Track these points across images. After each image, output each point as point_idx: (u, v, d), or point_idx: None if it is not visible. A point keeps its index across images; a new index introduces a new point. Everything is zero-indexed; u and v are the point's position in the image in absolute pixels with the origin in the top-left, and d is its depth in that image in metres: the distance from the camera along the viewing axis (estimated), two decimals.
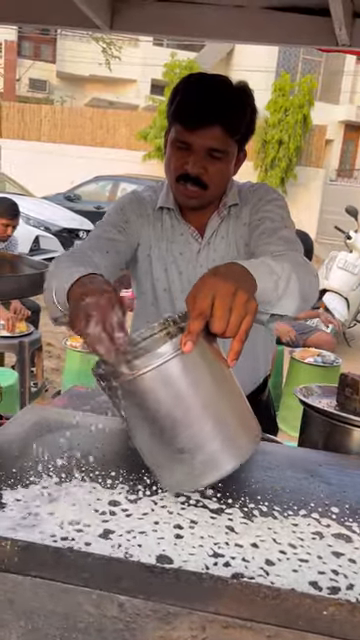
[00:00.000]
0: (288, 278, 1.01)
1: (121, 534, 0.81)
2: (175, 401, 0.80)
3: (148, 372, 0.79)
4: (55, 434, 1.13)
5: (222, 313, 0.81)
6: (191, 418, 0.81)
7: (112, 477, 0.98)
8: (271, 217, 1.30)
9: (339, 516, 0.93)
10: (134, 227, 1.36)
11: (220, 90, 1.22)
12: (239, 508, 0.92)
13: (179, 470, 0.85)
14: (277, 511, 0.93)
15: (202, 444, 0.82)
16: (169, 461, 0.85)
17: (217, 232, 1.37)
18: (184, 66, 16.00)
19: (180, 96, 1.23)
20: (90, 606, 0.69)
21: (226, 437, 0.84)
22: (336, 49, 1.80)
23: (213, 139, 1.21)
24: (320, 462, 1.14)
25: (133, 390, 0.81)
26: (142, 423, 0.84)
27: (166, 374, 0.79)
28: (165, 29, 1.57)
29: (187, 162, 1.23)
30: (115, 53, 15.87)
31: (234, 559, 0.78)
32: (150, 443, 0.85)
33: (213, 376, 0.84)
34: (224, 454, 0.84)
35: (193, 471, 0.84)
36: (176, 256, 1.37)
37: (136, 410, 0.83)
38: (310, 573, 0.77)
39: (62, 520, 0.83)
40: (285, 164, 15.00)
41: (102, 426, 1.21)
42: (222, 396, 0.85)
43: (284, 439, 2.34)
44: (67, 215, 9.59)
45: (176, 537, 0.82)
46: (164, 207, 1.37)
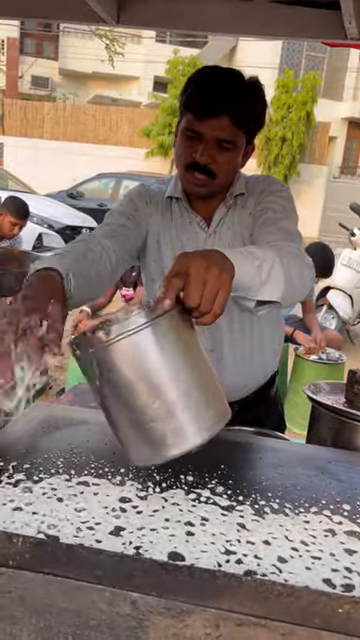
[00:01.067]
0: (271, 264, 1.02)
1: (132, 531, 0.81)
2: (147, 370, 0.82)
3: (121, 339, 0.80)
4: (62, 431, 1.13)
5: (195, 286, 0.83)
6: (162, 388, 0.82)
7: (121, 474, 0.97)
8: (273, 208, 1.32)
9: (351, 513, 0.93)
10: (143, 215, 1.40)
11: (231, 82, 1.25)
12: (250, 505, 0.92)
13: (150, 440, 0.84)
14: (288, 508, 0.92)
15: (173, 413, 0.83)
16: (140, 431, 0.84)
17: (223, 221, 1.40)
18: (187, 63, 15.98)
19: (193, 86, 1.27)
20: (103, 603, 0.68)
21: (196, 410, 0.85)
22: (344, 43, 1.79)
23: (222, 129, 1.24)
24: (330, 459, 1.13)
25: (107, 358, 0.82)
26: (115, 392, 0.83)
27: (139, 342, 0.81)
28: (171, 23, 1.56)
29: (196, 151, 1.26)
30: (118, 50, 15.83)
31: (246, 556, 0.78)
32: (122, 412, 0.85)
33: (185, 351, 0.85)
34: (193, 426, 0.84)
35: (164, 440, 0.83)
36: (184, 243, 1.40)
37: (110, 378, 0.83)
38: (323, 570, 0.77)
39: (71, 517, 0.83)
40: (288, 161, 14.97)
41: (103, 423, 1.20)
42: (193, 371, 0.86)
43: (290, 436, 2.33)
44: (70, 212, 9.57)
45: (187, 534, 0.82)
46: (172, 196, 1.40)
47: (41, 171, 14.22)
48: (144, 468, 0.91)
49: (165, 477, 0.97)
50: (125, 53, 17.59)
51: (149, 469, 0.99)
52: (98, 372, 0.83)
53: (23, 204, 3.95)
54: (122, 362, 0.81)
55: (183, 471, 1.00)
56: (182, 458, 1.05)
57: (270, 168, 14.88)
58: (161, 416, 0.82)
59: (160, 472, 0.99)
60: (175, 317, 0.84)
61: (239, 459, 1.10)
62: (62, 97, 21.28)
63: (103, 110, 17.71)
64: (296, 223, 1.34)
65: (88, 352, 0.83)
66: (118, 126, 17.29)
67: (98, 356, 0.82)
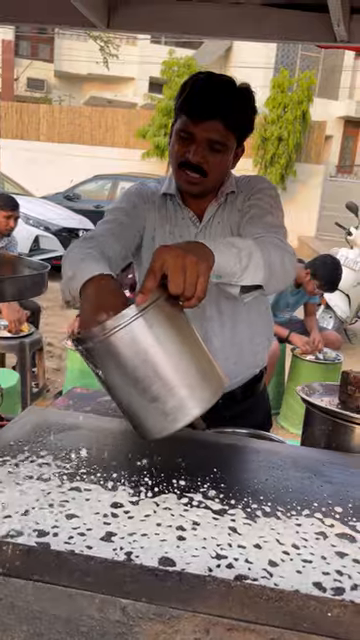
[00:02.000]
0: (250, 251, 1.09)
1: (123, 537, 0.81)
2: (143, 355, 0.90)
3: (116, 331, 0.89)
4: (55, 436, 1.13)
5: (176, 274, 0.90)
6: (159, 370, 0.90)
7: (113, 479, 0.97)
8: (260, 205, 1.40)
9: (343, 515, 0.93)
10: (140, 211, 1.46)
11: (224, 88, 1.32)
12: (242, 509, 0.92)
13: (154, 417, 0.93)
14: (280, 511, 0.92)
15: (171, 392, 0.91)
16: (144, 410, 0.93)
17: (214, 217, 1.47)
18: (182, 64, 15.96)
19: (188, 90, 1.33)
20: (93, 610, 0.68)
21: (192, 385, 0.93)
22: (335, 45, 1.79)
23: (214, 131, 1.31)
24: (323, 461, 1.13)
25: (106, 349, 0.90)
26: (118, 379, 0.92)
27: (132, 332, 0.89)
28: (162, 27, 1.56)
29: (189, 151, 1.33)
30: (113, 51, 15.82)
31: (237, 560, 0.78)
32: (126, 396, 0.94)
33: (176, 333, 0.93)
34: (191, 400, 0.92)
35: (166, 417, 0.92)
36: (177, 238, 1.46)
37: (112, 367, 0.92)
38: (314, 574, 0.77)
39: (63, 524, 0.83)
40: (285, 161, 14.96)
41: (103, 427, 1.21)
42: (186, 351, 0.94)
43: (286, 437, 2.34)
44: (66, 214, 9.57)
45: (179, 539, 0.82)
46: (167, 193, 1.48)
47: (37, 173, 14.21)
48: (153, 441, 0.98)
49: (157, 482, 0.98)
50: (120, 54, 17.57)
51: (141, 473, 0.99)
52: (100, 363, 0.93)
53: (8, 196, 3.95)
54: (120, 352, 0.90)
55: (175, 475, 1.00)
56: (174, 462, 1.06)
57: (266, 168, 14.88)
58: (161, 395, 0.91)
59: (152, 476, 0.99)
60: (162, 305, 0.91)
61: (232, 462, 1.10)
62: (58, 99, 21.27)
63: (99, 112, 17.69)
64: (281, 218, 1.42)
65: (89, 347, 0.92)
66: (114, 127, 17.28)
67: (98, 349, 0.91)
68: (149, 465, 1.04)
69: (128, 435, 1.17)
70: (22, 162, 14.68)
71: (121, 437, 1.16)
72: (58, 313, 6.28)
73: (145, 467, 1.03)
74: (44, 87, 22.85)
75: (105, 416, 1.32)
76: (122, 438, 1.16)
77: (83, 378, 3.63)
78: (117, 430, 1.20)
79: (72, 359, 3.80)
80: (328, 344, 4.27)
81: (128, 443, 1.13)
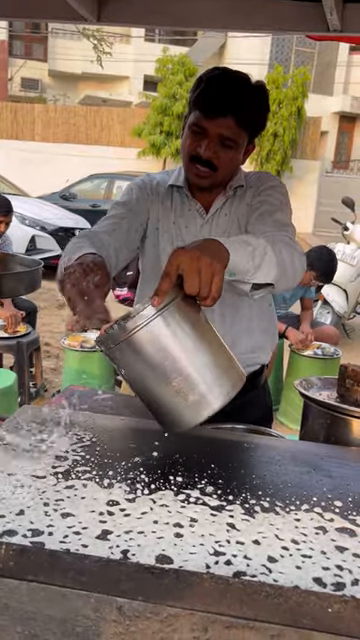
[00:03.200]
0: (264, 250, 1.11)
1: (119, 535, 0.79)
2: (163, 353, 0.94)
3: (136, 332, 0.93)
4: (50, 434, 1.11)
5: (191, 275, 0.92)
6: (180, 366, 0.95)
7: (109, 476, 0.96)
8: (270, 201, 1.41)
9: (342, 510, 0.91)
10: (144, 204, 1.48)
11: (238, 85, 1.32)
12: (240, 504, 0.90)
13: (177, 411, 0.97)
14: (279, 506, 0.91)
15: (192, 386, 0.95)
16: (168, 405, 0.97)
17: (221, 210, 1.48)
18: (176, 61, 15.92)
19: (203, 86, 1.34)
20: (88, 610, 0.67)
21: (211, 380, 0.97)
22: (328, 36, 1.78)
23: (226, 128, 1.32)
24: (322, 455, 1.12)
25: (128, 349, 0.95)
26: (141, 376, 0.97)
27: (151, 331, 0.93)
28: (153, 19, 1.55)
29: (200, 145, 1.34)
30: (106, 49, 15.75)
31: (235, 557, 0.76)
32: (150, 392, 0.98)
33: (194, 331, 0.97)
34: (211, 394, 0.97)
35: (188, 410, 0.96)
36: (182, 229, 1.48)
37: (134, 366, 0.96)
38: (314, 569, 0.75)
39: (58, 523, 0.81)
40: (280, 157, 14.95)
41: (98, 424, 1.19)
42: (204, 346, 0.98)
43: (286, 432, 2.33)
44: (63, 214, 9.54)
45: (176, 536, 0.80)
46: (174, 185, 1.49)
47: (33, 173, 14.17)
48: (176, 433, 1.03)
49: (154, 479, 0.96)
50: (114, 53, 17.51)
51: (137, 470, 0.98)
52: (122, 363, 0.97)
53: (3, 199, 3.85)
54: (140, 351, 0.94)
55: (172, 472, 0.99)
56: (171, 459, 1.04)
57: (262, 164, 14.86)
58: (183, 390, 0.95)
59: (149, 473, 0.98)
60: (179, 304, 0.95)
61: (229, 458, 1.08)
62: (52, 98, 21.22)
63: (94, 111, 17.65)
64: (290, 216, 1.43)
65: (112, 347, 0.96)
66: (109, 126, 17.23)
67: (119, 350, 0.96)
68: (146, 462, 1.02)
69: (124, 432, 1.16)
70: (17, 162, 14.64)
71: (117, 434, 1.15)
72: (55, 313, 6.27)
73: (142, 464, 1.01)
74: (38, 87, 22.80)
75: (101, 414, 1.31)
76: (118, 435, 1.14)
77: (80, 378, 3.62)
78: (113, 427, 1.18)
79: (69, 359, 3.79)
80: (326, 339, 4.26)
81: (124, 440, 1.12)
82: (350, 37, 2.18)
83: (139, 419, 1.30)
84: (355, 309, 6.54)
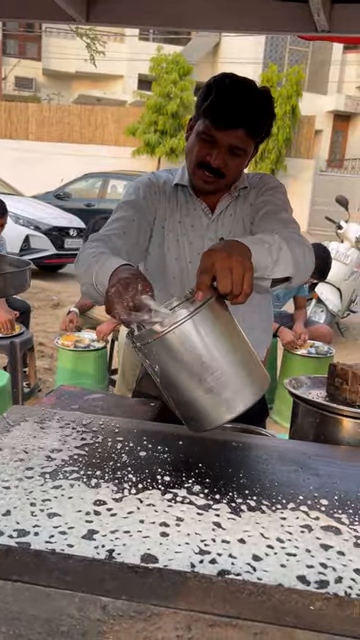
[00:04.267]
0: (279, 246, 1.16)
1: (105, 534, 0.79)
2: (198, 350, 0.96)
3: (173, 329, 0.95)
4: (39, 434, 1.11)
5: (224, 273, 0.96)
6: (214, 364, 0.97)
7: (97, 476, 0.96)
8: (273, 201, 1.46)
9: (328, 508, 0.92)
10: (151, 203, 1.49)
11: (249, 97, 1.34)
12: (227, 503, 0.91)
13: (208, 408, 0.99)
14: (265, 505, 0.91)
15: (225, 384, 0.97)
16: (199, 402, 0.98)
17: (226, 210, 1.51)
18: (170, 60, 15.92)
19: (214, 96, 1.34)
20: (73, 609, 0.67)
21: (243, 377, 1.00)
22: (319, 36, 1.78)
23: (237, 139, 1.36)
24: (310, 454, 1.13)
25: (163, 346, 0.96)
26: (174, 373, 0.98)
27: (188, 329, 0.95)
28: (141, 20, 1.55)
29: (210, 154, 1.37)
30: (99, 48, 15.72)
31: (220, 556, 0.77)
32: (182, 389, 0.99)
33: (227, 330, 1.01)
34: (242, 392, 0.99)
35: (220, 408, 0.98)
36: (188, 228, 1.51)
37: (168, 362, 0.97)
38: (298, 567, 0.76)
39: (44, 523, 0.81)
40: (275, 156, 14.98)
41: (87, 424, 1.19)
42: (235, 345, 1.01)
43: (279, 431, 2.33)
44: (57, 213, 9.52)
45: (162, 535, 0.81)
46: (179, 184, 1.50)
47: (27, 173, 14.14)
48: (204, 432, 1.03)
49: (141, 478, 0.97)
50: (108, 52, 17.49)
51: (124, 470, 0.98)
52: (156, 359, 0.98)
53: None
54: (176, 348, 0.96)
55: (160, 471, 0.99)
56: (159, 458, 1.05)
57: (257, 163, 14.88)
58: (215, 387, 0.97)
59: (136, 473, 0.98)
60: (213, 304, 0.98)
61: (217, 457, 1.09)
62: (46, 98, 21.16)
63: (88, 110, 17.62)
64: (292, 215, 1.47)
65: (146, 344, 0.97)
66: (104, 125, 17.21)
67: (154, 346, 0.97)
68: (133, 461, 1.03)
69: (113, 432, 1.16)
70: (11, 161, 14.61)
71: (105, 434, 1.15)
72: (49, 313, 6.26)
73: (129, 464, 1.02)
74: (32, 86, 22.74)
75: (91, 414, 1.31)
76: (106, 435, 1.15)
77: (74, 377, 3.62)
78: (101, 427, 1.19)
79: (63, 358, 3.78)
80: (320, 337, 4.27)
81: (112, 440, 1.12)
82: (340, 37, 2.19)
83: (128, 419, 1.30)
84: (349, 308, 6.56)
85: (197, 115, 1.41)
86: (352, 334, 6.75)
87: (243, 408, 0.99)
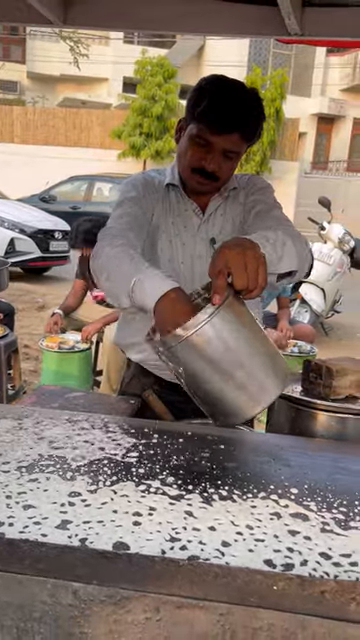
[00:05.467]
0: (283, 241, 1.21)
1: (78, 524, 0.81)
2: (225, 348, 0.98)
3: (198, 329, 0.96)
4: (17, 431, 1.13)
5: (239, 270, 0.98)
6: (241, 360, 1.00)
7: (73, 470, 0.98)
8: (264, 200, 1.51)
9: (298, 496, 0.95)
10: (150, 202, 1.51)
11: (243, 100, 1.36)
12: (199, 494, 0.93)
13: (237, 403, 1.02)
14: (237, 495, 0.94)
15: (252, 378, 1.01)
16: (228, 398, 1.01)
17: (217, 210, 1.54)
18: (155, 63, 15.96)
19: (208, 100, 1.34)
20: (45, 595, 0.69)
21: (268, 370, 1.03)
22: (295, 39, 1.81)
23: (231, 143, 1.38)
24: (282, 445, 1.15)
25: (190, 347, 0.98)
26: (202, 373, 1.00)
27: (213, 328, 0.97)
28: (118, 23, 1.57)
29: (205, 158, 1.39)
30: (83, 51, 15.71)
31: (190, 542, 0.79)
32: (210, 388, 1.02)
33: (248, 325, 1.03)
34: (269, 384, 1.03)
35: (249, 402, 1.02)
36: (180, 229, 1.52)
37: (195, 363, 0.99)
38: (265, 552, 0.78)
39: (18, 514, 0.83)
40: (259, 158, 15.07)
41: (64, 420, 1.21)
42: (259, 340, 1.04)
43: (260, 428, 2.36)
44: (42, 216, 9.51)
45: (134, 524, 0.83)
46: (171, 184, 1.52)
47: (12, 176, 14.09)
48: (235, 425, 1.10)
49: (116, 471, 0.99)
50: (93, 55, 17.50)
51: (100, 463, 1.00)
52: (182, 361, 1.00)
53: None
54: (203, 347, 0.98)
55: (135, 464, 1.01)
56: (135, 452, 1.07)
57: (241, 165, 14.95)
58: (244, 382, 1.00)
59: (112, 466, 1.00)
60: (232, 301, 0.99)
61: (192, 450, 1.11)
62: (31, 100, 21.10)
63: (73, 113, 17.61)
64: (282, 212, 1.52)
65: (172, 347, 0.99)
66: (89, 128, 17.22)
67: (181, 349, 0.98)
68: (110, 455, 1.05)
69: (90, 427, 1.18)
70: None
71: (81, 429, 1.17)
72: (34, 315, 6.25)
73: (105, 457, 1.04)
74: (17, 89, 22.66)
75: (70, 410, 1.33)
76: (82, 430, 1.16)
77: (59, 379, 3.63)
78: (78, 423, 1.20)
79: (48, 360, 3.79)
80: (302, 337, 4.32)
81: (88, 435, 1.14)
82: (317, 40, 2.23)
83: (107, 415, 1.32)
84: (333, 308, 6.63)
85: (188, 117, 1.41)
86: (336, 334, 6.82)
87: (270, 401, 1.03)
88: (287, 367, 1.08)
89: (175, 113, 16.12)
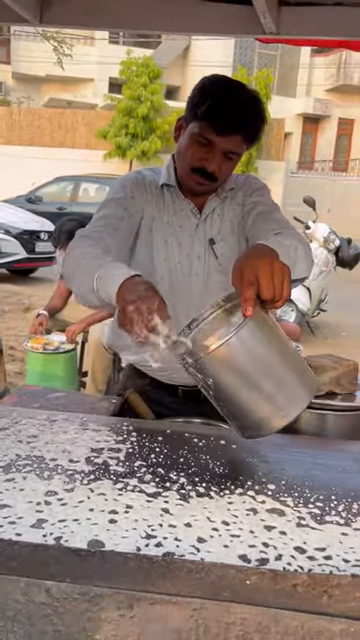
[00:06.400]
0: (295, 247, 1.22)
1: (54, 523, 0.81)
2: (256, 358, 0.98)
3: (228, 340, 0.95)
4: None
5: (267, 281, 0.98)
6: (271, 368, 0.99)
7: (50, 469, 0.98)
8: (264, 202, 1.50)
9: (275, 492, 0.95)
10: (139, 203, 1.47)
11: (247, 103, 1.36)
12: (176, 491, 0.93)
13: (267, 414, 1.00)
14: (214, 491, 0.94)
15: (282, 388, 1.00)
16: (258, 408, 1.00)
17: (214, 211, 1.52)
18: (140, 63, 15.94)
19: (212, 100, 1.34)
20: (18, 594, 0.69)
21: (299, 379, 1.02)
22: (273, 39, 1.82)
23: (233, 144, 1.38)
24: (261, 442, 1.16)
25: (219, 358, 0.96)
26: (231, 384, 0.99)
27: (242, 339, 0.96)
28: (95, 22, 1.57)
29: (206, 159, 1.38)
30: (67, 51, 15.60)
31: (166, 539, 0.79)
32: (240, 399, 0.99)
33: (276, 335, 1.03)
34: (299, 394, 1.02)
35: (279, 412, 1.00)
36: (176, 229, 1.50)
37: (225, 373, 0.98)
38: (241, 547, 0.79)
39: None
40: (245, 158, 15.08)
41: (44, 420, 1.21)
42: (287, 349, 1.04)
43: None
44: (27, 217, 9.44)
45: (110, 522, 0.83)
46: (166, 184, 1.50)
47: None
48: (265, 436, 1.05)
49: (94, 469, 0.99)
50: (79, 55, 17.43)
51: (77, 462, 1.00)
52: (211, 373, 0.98)
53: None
54: (232, 358, 0.96)
55: (113, 463, 1.01)
56: (113, 450, 1.07)
57: None
58: (273, 392, 0.99)
59: (89, 465, 1.00)
60: (259, 311, 0.99)
61: (171, 447, 1.11)
62: (16, 101, 20.98)
63: (59, 113, 17.54)
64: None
65: (201, 357, 0.97)
66: (74, 129, 17.16)
67: (209, 360, 0.97)
68: (88, 454, 1.05)
69: (67, 426, 1.18)
70: None
71: (59, 429, 1.17)
72: (20, 317, 6.21)
73: (84, 456, 1.04)
74: (2, 89, 22.53)
75: (50, 410, 1.32)
76: (60, 430, 1.16)
77: (44, 380, 3.60)
78: (57, 422, 1.20)
79: (32, 361, 3.76)
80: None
81: (67, 434, 1.14)
82: (299, 40, 2.24)
83: (87, 414, 1.32)
84: (319, 307, 6.66)
85: (190, 116, 1.40)
86: (322, 333, 6.86)
87: (300, 410, 1.01)
88: (315, 376, 1.07)
89: (161, 114, 16.13)
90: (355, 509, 0.91)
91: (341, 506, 0.92)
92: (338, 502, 0.93)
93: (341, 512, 0.90)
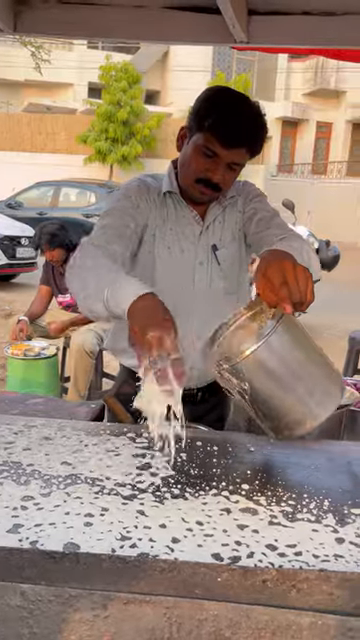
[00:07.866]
0: (307, 250, 1.27)
1: (30, 527, 0.82)
2: (289, 359, 1.00)
3: (264, 344, 0.97)
4: None
5: (294, 284, 1.00)
6: (303, 370, 1.01)
7: (27, 474, 0.99)
8: (264, 207, 1.54)
9: (249, 492, 0.97)
10: (143, 211, 1.48)
11: (253, 116, 1.38)
12: (152, 493, 0.95)
13: (300, 414, 1.02)
14: (189, 492, 0.96)
15: (315, 388, 1.02)
16: (293, 410, 1.02)
17: (216, 217, 1.55)
18: (119, 68, 15.97)
19: (218, 113, 1.35)
20: None
21: (330, 378, 1.05)
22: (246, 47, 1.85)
23: (238, 156, 1.39)
24: (237, 443, 1.18)
25: (256, 361, 0.98)
26: (267, 387, 1.01)
27: (276, 341, 0.98)
28: (69, 30, 1.58)
29: (211, 170, 1.39)
30: (44, 57, 15.53)
31: (141, 540, 0.81)
32: (275, 402, 1.02)
33: (305, 336, 1.05)
34: (330, 394, 1.04)
35: (311, 412, 1.02)
36: (179, 236, 1.52)
37: (260, 377, 1.00)
38: (214, 546, 0.81)
39: None
40: None
41: (22, 426, 1.21)
42: (317, 351, 1.05)
43: None
44: (8, 223, 9.38)
45: (85, 525, 0.84)
46: (169, 192, 1.50)
47: None
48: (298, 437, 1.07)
49: (70, 474, 1.00)
50: (58, 60, 17.37)
51: (55, 467, 1.01)
52: (247, 377, 0.99)
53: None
54: (267, 361, 0.98)
55: (89, 467, 1.03)
56: (89, 454, 1.08)
57: None
58: (308, 393, 1.01)
59: (66, 469, 1.01)
60: (287, 314, 1.00)
61: (146, 451, 1.12)
62: None
63: (38, 118, 17.48)
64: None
65: (237, 363, 0.99)
66: (54, 134, 17.12)
67: (245, 365, 0.98)
68: (65, 459, 1.06)
69: (46, 432, 1.19)
70: None
71: (36, 435, 1.17)
72: (1, 323, 6.17)
73: (61, 461, 1.05)
74: None
75: (27, 417, 1.33)
76: (38, 435, 1.17)
77: (25, 386, 3.59)
78: (35, 428, 1.21)
79: (13, 368, 3.75)
80: None
81: (44, 440, 1.15)
82: (270, 47, 2.28)
83: (65, 420, 1.33)
84: None
85: (194, 127, 1.40)
86: None
87: (331, 411, 1.03)
88: (341, 379, 1.09)
89: (141, 118, 16.16)
90: (326, 506, 0.94)
91: (312, 504, 0.94)
92: (310, 500, 0.96)
93: (312, 509, 0.93)
